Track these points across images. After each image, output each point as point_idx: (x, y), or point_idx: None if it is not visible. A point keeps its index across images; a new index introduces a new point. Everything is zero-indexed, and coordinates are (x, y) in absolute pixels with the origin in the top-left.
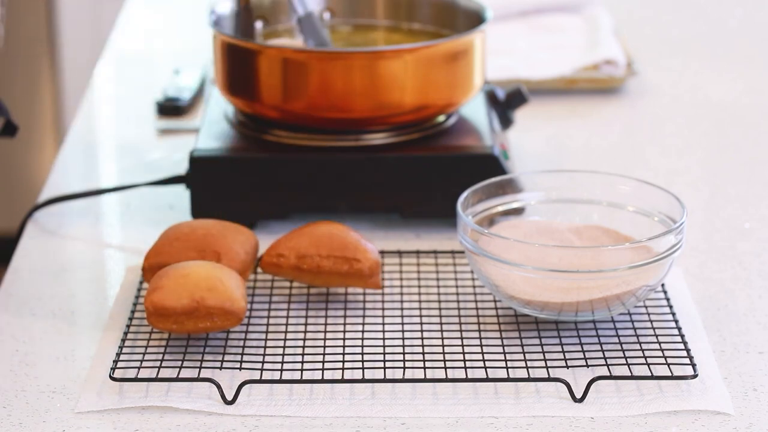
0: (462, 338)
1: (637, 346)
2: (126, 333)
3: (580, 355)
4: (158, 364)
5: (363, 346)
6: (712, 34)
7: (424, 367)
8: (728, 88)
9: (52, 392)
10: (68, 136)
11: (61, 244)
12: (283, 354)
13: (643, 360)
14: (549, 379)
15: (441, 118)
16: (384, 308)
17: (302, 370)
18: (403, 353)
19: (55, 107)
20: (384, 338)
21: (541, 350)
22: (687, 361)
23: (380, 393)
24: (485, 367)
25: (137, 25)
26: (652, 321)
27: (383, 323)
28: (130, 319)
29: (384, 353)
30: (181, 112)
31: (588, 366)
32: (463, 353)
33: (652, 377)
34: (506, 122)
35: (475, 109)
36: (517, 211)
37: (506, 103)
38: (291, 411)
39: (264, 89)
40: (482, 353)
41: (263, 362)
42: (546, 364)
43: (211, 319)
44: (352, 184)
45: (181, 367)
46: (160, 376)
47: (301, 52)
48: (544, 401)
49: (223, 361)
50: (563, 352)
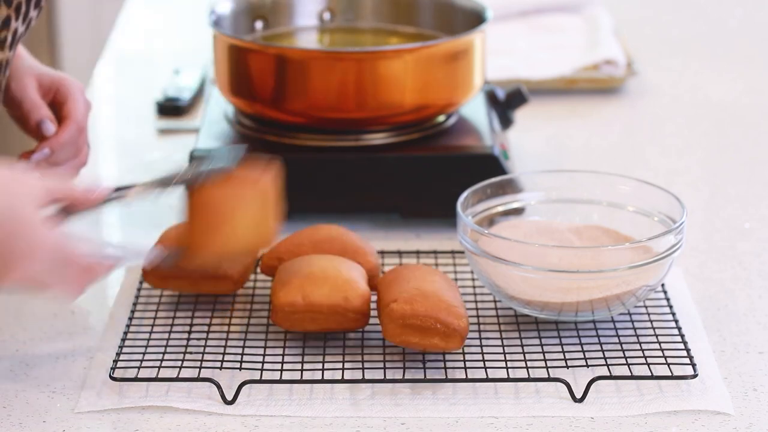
0: None
1: (637, 346)
2: (126, 333)
3: (580, 355)
4: (158, 364)
5: (363, 346)
6: (712, 34)
7: (424, 368)
8: (728, 88)
9: (52, 392)
10: None
11: None
12: (283, 354)
13: (643, 360)
14: (549, 379)
15: (441, 118)
16: None
17: (302, 370)
18: (403, 353)
19: None
20: (384, 338)
21: (541, 350)
22: (687, 361)
23: (380, 393)
24: (485, 367)
25: (137, 25)
26: (652, 321)
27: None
28: (130, 319)
29: (384, 353)
30: (181, 112)
31: (588, 366)
32: (463, 353)
33: (652, 377)
34: (506, 122)
35: (475, 109)
36: (517, 211)
37: (506, 103)
38: (291, 411)
39: (264, 89)
40: (482, 353)
41: (263, 362)
42: (546, 364)
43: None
44: (352, 184)
45: (181, 367)
46: (160, 376)
47: (301, 52)
48: (544, 401)
49: (223, 361)
50: (563, 352)
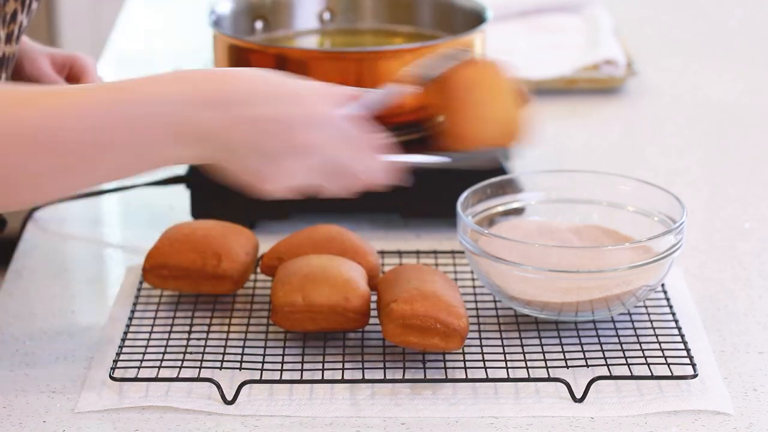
0: None
1: (637, 346)
2: (126, 333)
3: (580, 355)
4: (158, 364)
5: (363, 346)
6: (712, 34)
7: (424, 368)
8: (728, 88)
9: (52, 392)
10: None
11: (61, 244)
12: (283, 354)
13: (643, 360)
14: (549, 379)
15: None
16: None
17: (302, 370)
18: (404, 353)
19: None
20: (384, 338)
21: (541, 350)
22: (687, 361)
23: (380, 393)
24: (485, 368)
25: (137, 25)
26: (652, 321)
27: None
28: (130, 319)
29: (384, 353)
30: None
31: (588, 366)
32: (463, 353)
33: (652, 377)
34: None
35: None
36: (517, 211)
37: None
38: (291, 411)
39: None
40: (482, 353)
41: (263, 362)
42: (546, 364)
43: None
44: None
45: (181, 367)
46: (160, 376)
47: (301, 51)
48: (544, 401)
49: (223, 361)
50: (563, 352)
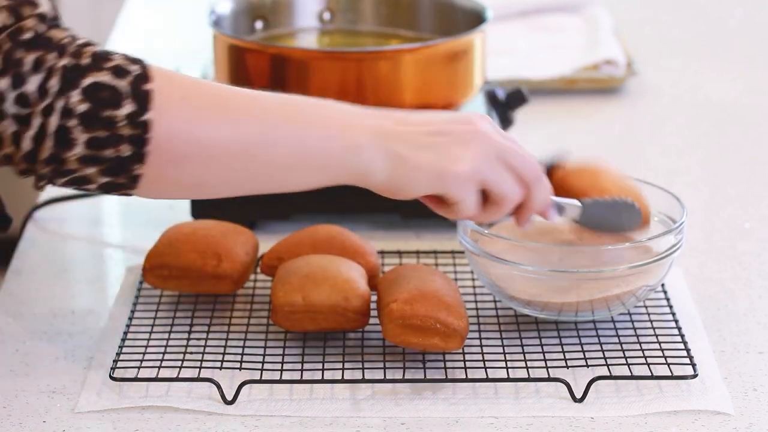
0: None
1: (637, 346)
2: (126, 333)
3: (580, 355)
4: (158, 364)
5: (363, 346)
6: (712, 34)
7: (424, 368)
8: (728, 88)
9: (52, 392)
10: None
11: (61, 244)
12: (283, 354)
13: (643, 360)
14: (549, 379)
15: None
16: None
17: (302, 370)
18: (404, 353)
19: None
20: (384, 338)
21: (541, 350)
22: (687, 361)
23: (380, 393)
24: (485, 368)
25: (137, 25)
26: (652, 321)
27: None
28: (130, 319)
29: (384, 353)
30: None
31: (588, 366)
32: (463, 353)
33: (652, 377)
34: (506, 122)
35: (475, 109)
36: None
37: (506, 103)
38: (291, 411)
39: (264, 89)
40: (482, 353)
41: (263, 362)
42: (546, 364)
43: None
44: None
45: (181, 367)
46: (160, 376)
47: (301, 51)
48: (544, 401)
49: (223, 361)
50: (563, 352)
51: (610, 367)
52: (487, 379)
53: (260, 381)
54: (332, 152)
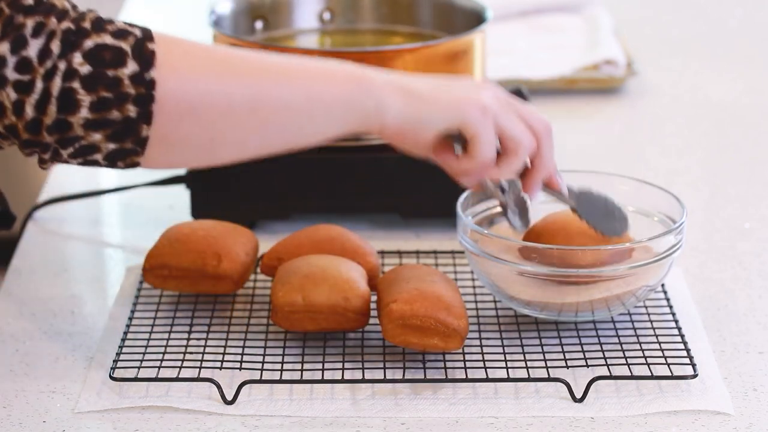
0: None
1: (637, 346)
2: (126, 333)
3: (580, 355)
4: (158, 364)
5: (363, 346)
6: (712, 34)
7: (424, 368)
8: (728, 88)
9: (52, 392)
10: None
11: (61, 244)
12: (283, 354)
13: (643, 360)
14: (549, 379)
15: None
16: None
17: (302, 370)
18: (403, 353)
19: None
20: (384, 338)
21: (541, 350)
22: (687, 361)
23: (380, 393)
24: (485, 368)
25: None
26: (652, 321)
27: None
28: (130, 319)
29: (384, 353)
30: None
31: (588, 366)
32: (463, 353)
33: (652, 377)
34: None
35: None
36: None
37: None
38: (291, 411)
39: None
40: (482, 353)
41: (263, 362)
42: (546, 364)
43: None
44: (352, 184)
45: (181, 367)
46: (160, 376)
47: (301, 52)
48: (544, 401)
49: (223, 361)
50: (563, 352)
51: (610, 367)
52: (487, 379)
53: (260, 381)
54: (342, 95)
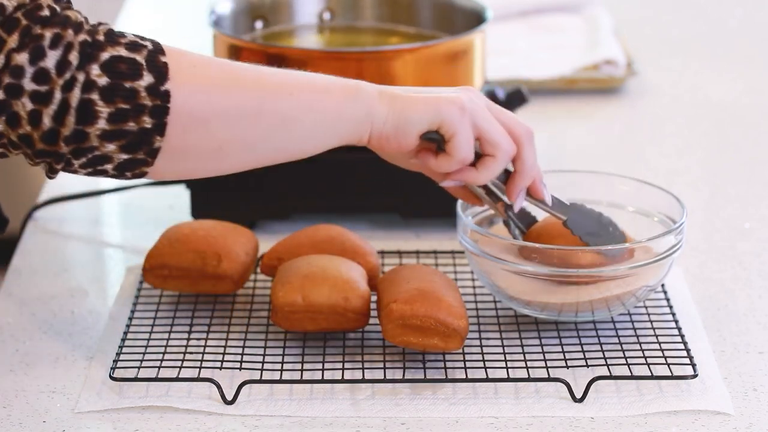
0: None
1: (637, 346)
2: (126, 333)
3: (580, 355)
4: (158, 364)
5: (363, 346)
6: (712, 34)
7: (424, 368)
8: (728, 88)
9: (52, 392)
10: None
11: (61, 244)
12: (283, 354)
13: (643, 360)
14: (549, 379)
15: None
16: None
17: (302, 370)
18: (403, 353)
19: None
20: (384, 338)
21: (541, 350)
22: (687, 361)
23: (380, 393)
24: (485, 368)
25: (137, 25)
26: (652, 321)
27: None
28: (130, 319)
29: (384, 353)
30: None
31: (588, 366)
32: (463, 353)
33: (652, 377)
34: None
35: None
36: None
37: (506, 103)
38: (291, 411)
39: None
40: (482, 353)
41: (263, 362)
42: (546, 364)
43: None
44: (352, 184)
45: (181, 367)
46: (160, 376)
47: (301, 51)
48: (544, 401)
49: (223, 361)
50: (563, 352)
51: (610, 367)
52: (487, 379)
53: (260, 381)
54: (338, 106)
